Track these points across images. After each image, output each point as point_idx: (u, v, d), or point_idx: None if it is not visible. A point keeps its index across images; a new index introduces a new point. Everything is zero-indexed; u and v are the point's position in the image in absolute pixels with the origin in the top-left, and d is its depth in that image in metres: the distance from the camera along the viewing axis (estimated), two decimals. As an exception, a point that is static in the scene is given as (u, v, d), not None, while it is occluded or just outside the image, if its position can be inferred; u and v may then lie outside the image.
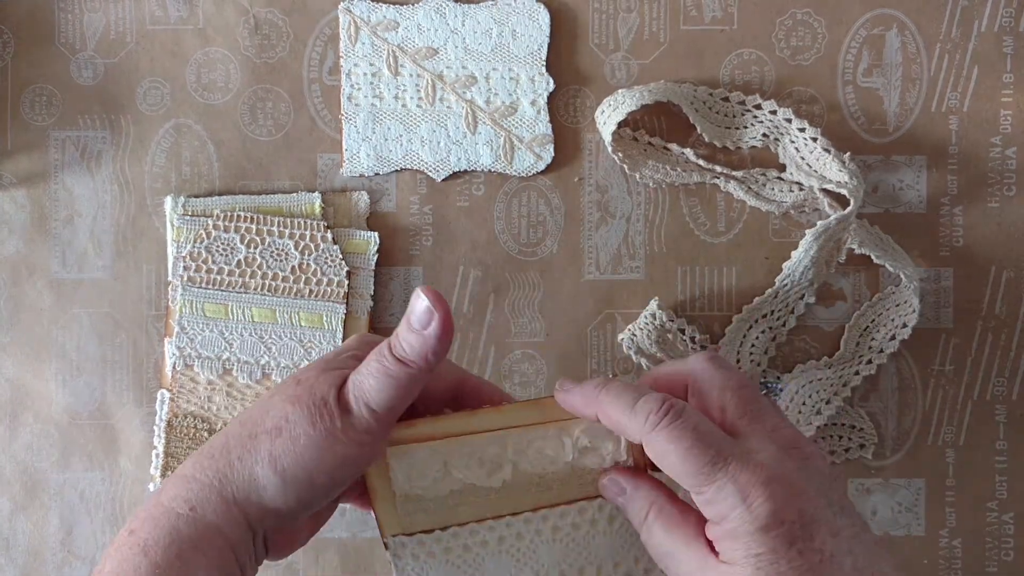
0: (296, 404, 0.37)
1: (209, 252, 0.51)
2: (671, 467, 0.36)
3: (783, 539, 0.34)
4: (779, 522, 0.34)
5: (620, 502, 0.40)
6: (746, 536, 0.34)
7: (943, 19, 0.52)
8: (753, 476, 0.35)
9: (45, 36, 0.52)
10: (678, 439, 0.35)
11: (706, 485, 0.35)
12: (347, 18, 0.52)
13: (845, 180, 0.49)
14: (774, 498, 0.34)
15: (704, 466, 0.35)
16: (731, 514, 0.35)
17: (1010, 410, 0.52)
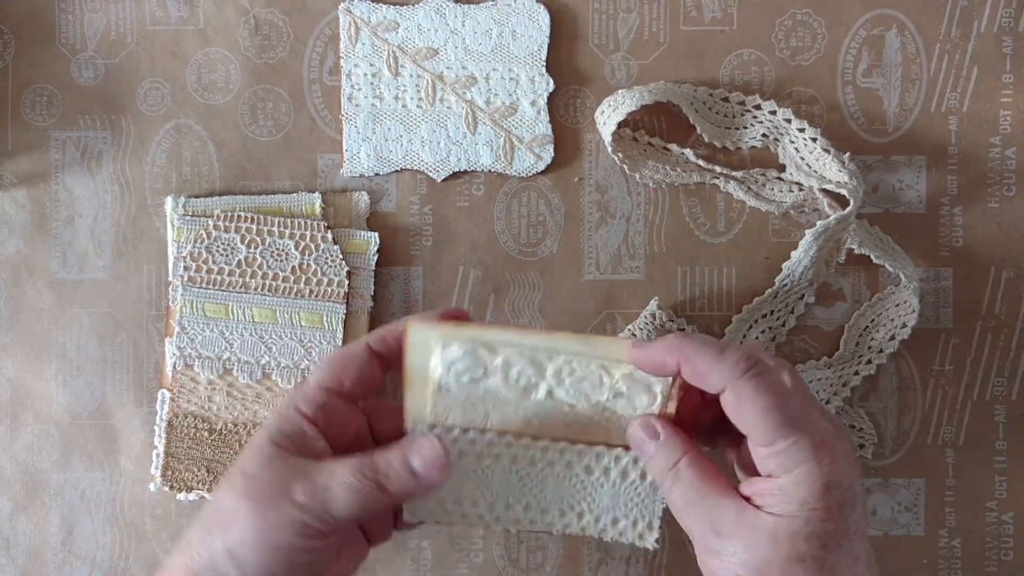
0: (245, 499, 0.38)
1: (209, 252, 0.51)
2: (750, 415, 0.37)
3: (837, 501, 0.36)
4: (838, 485, 0.36)
5: (648, 448, 0.40)
6: (807, 491, 0.36)
7: (943, 19, 0.52)
8: (824, 439, 0.37)
9: (46, 36, 0.52)
10: (766, 391, 0.37)
11: (783, 439, 0.37)
12: (347, 18, 0.52)
13: (845, 180, 0.49)
14: (839, 463, 0.37)
15: (786, 420, 0.37)
16: (799, 468, 0.36)
17: (1010, 410, 0.52)
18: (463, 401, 0.41)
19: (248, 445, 0.40)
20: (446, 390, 0.41)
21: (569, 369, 0.41)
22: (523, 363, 0.41)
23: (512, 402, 0.41)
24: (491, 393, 0.41)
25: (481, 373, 0.41)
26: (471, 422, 0.42)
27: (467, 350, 0.41)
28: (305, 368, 0.51)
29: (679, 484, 0.39)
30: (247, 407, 0.51)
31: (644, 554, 0.52)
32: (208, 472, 0.51)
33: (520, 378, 0.41)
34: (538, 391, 0.41)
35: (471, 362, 0.41)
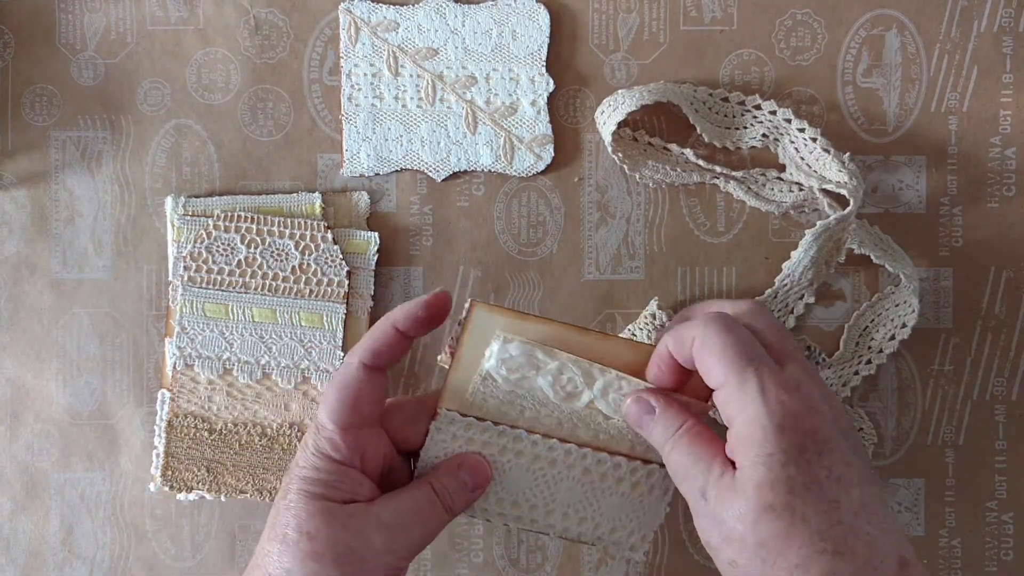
0: (320, 561, 0.39)
1: (209, 252, 0.51)
2: (709, 359, 0.37)
3: (795, 444, 0.35)
4: (793, 427, 0.36)
5: (645, 422, 0.40)
6: (760, 434, 0.36)
7: (943, 19, 0.52)
8: (777, 380, 0.36)
9: (45, 36, 0.52)
10: (724, 332, 0.37)
11: (733, 376, 0.36)
12: (347, 18, 0.52)
13: (845, 180, 0.49)
14: (792, 404, 0.36)
15: (737, 360, 0.37)
16: (748, 409, 0.36)
17: (1010, 410, 0.52)
18: (505, 394, 0.42)
19: (291, 503, 0.40)
20: (492, 381, 0.42)
21: (618, 385, 0.42)
22: (576, 371, 0.42)
23: (551, 404, 0.42)
24: (534, 392, 0.42)
25: (532, 374, 0.42)
26: (504, 416, 0.42)
27: (525, 351, 0.41)
28: (305, 368, 0.51)
29: (675, 451, 0.39)
30: (247, 407, 0.51)
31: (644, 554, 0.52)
32: (208, 472, 0.51)
33: (568, 384, 0.42)
34: (580, 399, 0.42)
35: (525, 362, 0.41)
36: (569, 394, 0.42)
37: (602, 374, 0.42)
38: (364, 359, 0.40)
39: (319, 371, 0.51)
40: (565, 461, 0.43)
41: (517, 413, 0.42)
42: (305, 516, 0.39)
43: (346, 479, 0.40)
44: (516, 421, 0.42)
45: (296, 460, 0.41)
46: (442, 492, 0.41)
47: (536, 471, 0.43)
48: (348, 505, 0.40)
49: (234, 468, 0.51)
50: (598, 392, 0.42)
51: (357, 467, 0.41)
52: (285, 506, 0.40)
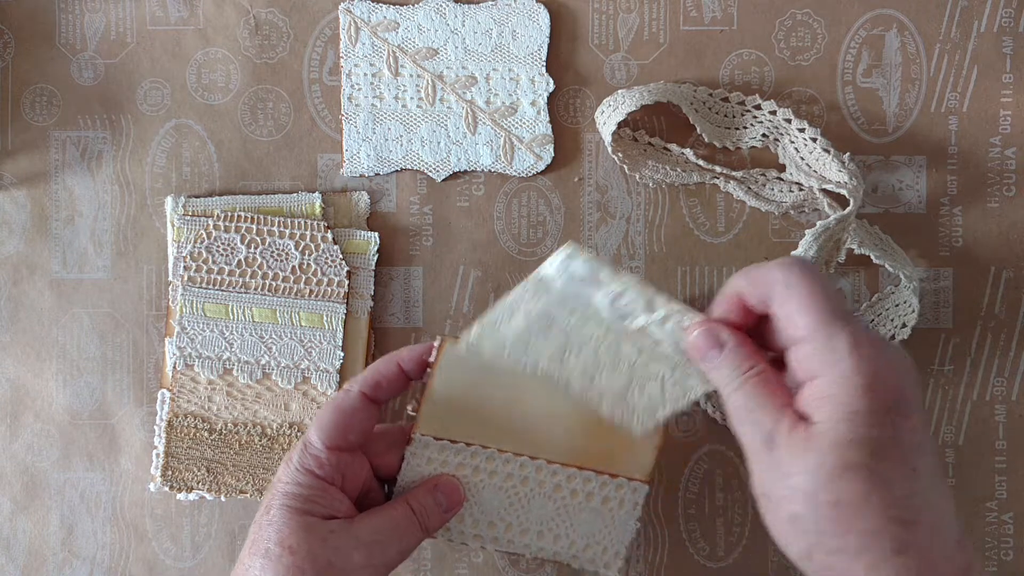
0: (298, 574, 0.39)
1: (209, 252, 0.51)
2: (793, 308, 0.35)
3: (882, 403, 0.34)
4: (882, 386, 0.34)
5: (711, 357, 0.38)
6: (847, 392, 0.34)
7: (943, 19, 0.52)
8: (866, 338, 0.35)
9: (46, 36, 0.52)
10: (811, 280, 0.35)
11: (821, 329, 0.35)
12: (347, 18, 0.52)
13: (845, 180, 0.49)
14: (881, 363, 0.34)
15: (826, 313, 0.35)
16: (839, 366, 0.34)
17: (1010, 410, 0.52)
18: (557, 298, 0.41)
19: (273, 518, 0.41)
20: (545, 287, 0.41)
21: (680, 318, 0.40)
22: (638, 298, 0.40)
23: (601, 320, 0.40)
24: (587, 305, 0.40)
25: (592, 289, 0.40)
26: (551, 316, 0.41)
27: (592, 269, 0.40)
28: (305, 368, 0.51)
29: (740, 393, 0.37)
30: (247, 407, 0.51)
31: (644, 555, 0.52)
32: (208, 472, 0.51)
33: (625, 308, 0.40)
34: (635, 322, 0.40)
35: (588, 278, 0.40)
36: (624, 316, 0.40)
37: (666, 304, 0.40)
38: (364, 390, 0.43)
39: (319, 371, 0.51)
40: (536, 478, 0.44)
41: (566, 315, 0.41)
42: (287, 531, 0.40)
43: (327, 496, 0.41)
44: (565, 323, 0.41)
45: (278, 476, 0.42)
46: (419, 510, 0.42)
47: (509, 489, 0.44)
48: (329, 521, 0.41)
49: (234, 468, 0.51)
50: (656, 319, 0.40)
51: (338, 485, 0.42)
52: (268, 521, 0.41)
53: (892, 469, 0.34)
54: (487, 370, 0.43)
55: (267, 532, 0.40)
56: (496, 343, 0.41)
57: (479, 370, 0.43)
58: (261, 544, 0.40)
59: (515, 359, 0.41)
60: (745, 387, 0.37)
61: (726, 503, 0.52)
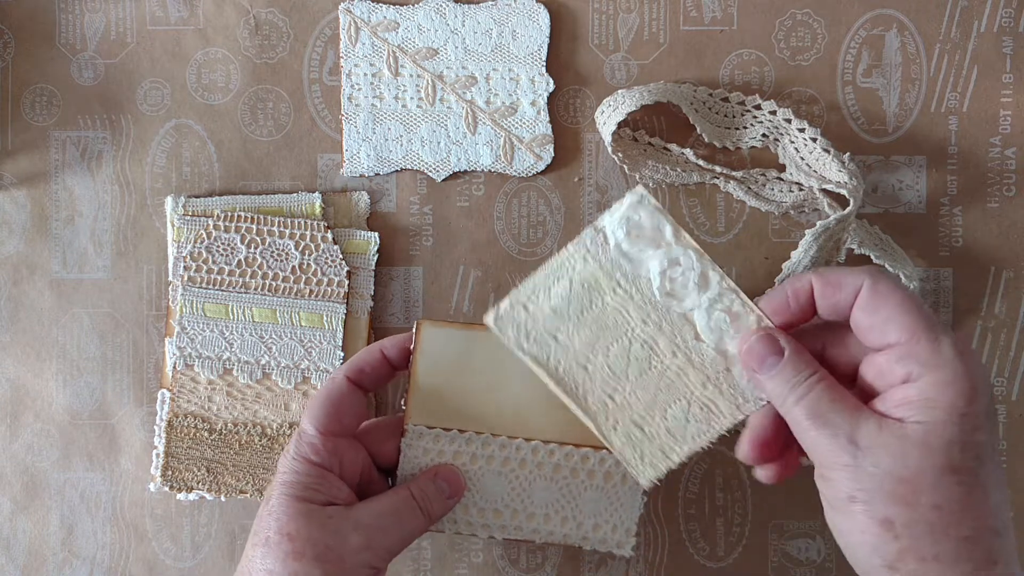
0: (300, 560, 0.39)
1: (209, 252, 0.51)
2: (889, 309, 0.35)
3: (985, 410, 0.34)
4: (985, 393, 0.34)
5: (768, 365, 0.38)
6: (955, 393, 0.34)
7: (943, 19, 0.52)
8: (966, 346, 0.35)
9: (46, 36, 0.52)
10: (904, 288, 0.36)
11: (925, 333, 0.35)
12: (347, 18, 0.52)
13: (845, 180, 0.49)
14: (982, 370, 0.35)
15: (924, 317, 0.35)
16: (946, 368, 0.34)
17: (1010, 410, 0.52)
18: (609, 262, 0.39)
19: (272, 507, 0.41)
20: (603, 241, 0.39)
21: (730, 302, 0.39)
22: (695, 267, 0.39)
23: (645, 298, 0.39)
24: (638, 275, 0.39)
25: (650, 250, 0.39)
26: (593, 289, 0.40)
27: (655, 221, 0.39)
28: (305, 368, 0.51)
29: (808, 398, 0.36)
30: (247, 407, 0.51)
31: (644, 555, 0.52)
32: (208, 472, 0.51)
33: (678, 280, 0.39)
34: (683, 302, 0.39)
35: (651, 233, 0.39)
36: (672, 291, 0.39)
37: (720, 282, 0.39)
38: (348, 373, 0.43)
39: (319, 371, 0.51)
40: (533, 459, 0.44)
41: (610, 289, 0.39)
42: (286, 518, 0.40)
43: (325, 482, 0.42)
44: (602, 297, 0.40)
45: (278, 468, 0.43)
46: (420, 496, 0.42)
47: (508, 474, 0.44)
48: (327, 507, 0.41)
49: (234, 468, 0.51)
50: (704, 302, 0.39)
51: (336, 472, 0.42)
52: (268, 511, 0.41)
53: (992, 476, 0.34)
54: (469, 352, 0.43)
55: (267, 522, 0.40)
56: (521, 326, 0.40)
57: (461, 353, 0.43)
58: (262, 534, 0.40)
59: (535, 350, 0.40)
60: (815, 390, 0.36)
61: (726, 503, 0.52)
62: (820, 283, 0.37)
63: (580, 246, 0.40)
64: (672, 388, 0.40)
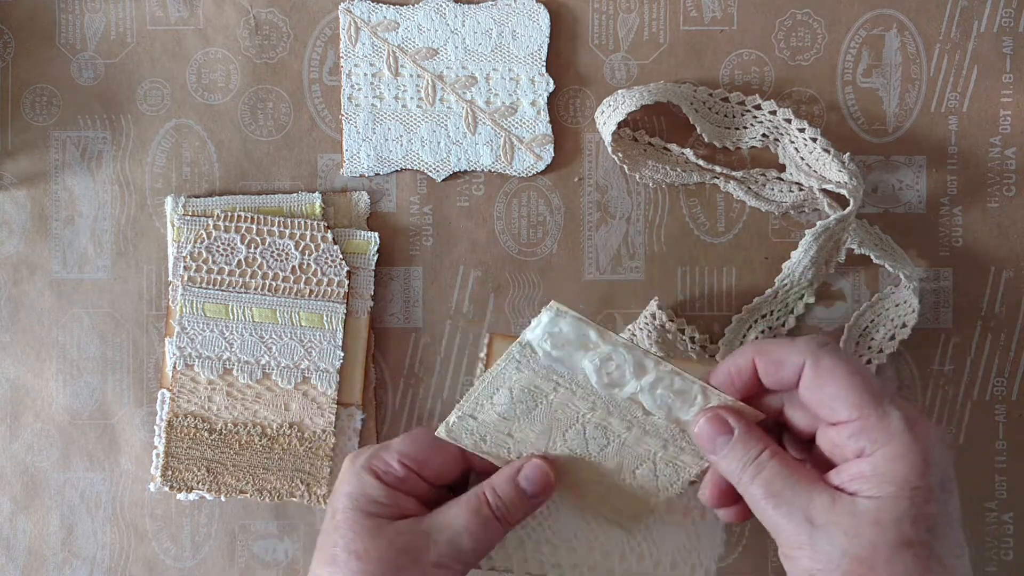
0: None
1: (209, 252, 0.51)
2: (832, 387, 0.35)
3: (937, 482, 0.34)
4: (936, 463, 0.34)
5: (720, 445, 0.38)
6: (907, 468, 0.34)
7: (943, 19, 0.52)
8: (916, 416, 0.35)
9: (46, 36, 0.52)
10: (846, 362, 0.35)
11: (872, 408, 0.34)
12: (347, 18, 0.52)
13: (845, 180, 0.49)
14: (934, 440, 0.34)
15: (870, 392, 0.35)
16: (895, 442, 0.34)
17: (1010, 410, 0.52)
18: (542, 368, 0.39)
19: (339, 523, 0.39)
20: (530, 353, 0.39)
21: (669, 382, 0.39)
22: (628, 360, 0.38)
23: (586, 389, 0.39)
24: (574, 374, 0.39)
25: (579, 354, 0.39)
26: (534, 391, 0.39)
27: (577, 329, 0.38)
28: (305, 368, 0.51)
29: (761, 476, 0.36)
30: (247, 407, 0.51)
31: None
32: (208, 472, 0.51)
33: (615, 372, 0.39)
34: (624, 389, 0.39)
35: (575, 340, 0.38)
36: (613, 382, 0.39)
37: (656, 367, 0.38)
38: (474, 465, 0.42)
39: (319, 371, 0.51)
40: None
41: (551, 389, 0.39)
42: (352, 535, 0.38)
43: (394, 495, 0.40)
44: (545, 397, 0.39)
45: (340, 478, 0.41)
46: (494, 501, 0.40)
47: (584, 507, 0.41)
48: (396, 522, 0.39)
49: (234, 468, 0.51)
50: (646, 385, 0.38)
51: (404, 488, 0.40)
52: (333, 527, 0.39)
53: (946, 547, 0.34)
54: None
55: (333, 538, 0.39)
56: (474, 432, 0.40)
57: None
58: (328, 551, 0.39)
59: (494, 450, 0.40)
60: (767, 469, 0.36)
61: (726, 503, 0.52)
62: (762, 362, 0.38)
63: (511, 360, 0.39)
64: (634, 454, 0.40)
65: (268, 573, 0.52)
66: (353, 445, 0.51)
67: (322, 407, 0.51)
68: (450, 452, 0.41)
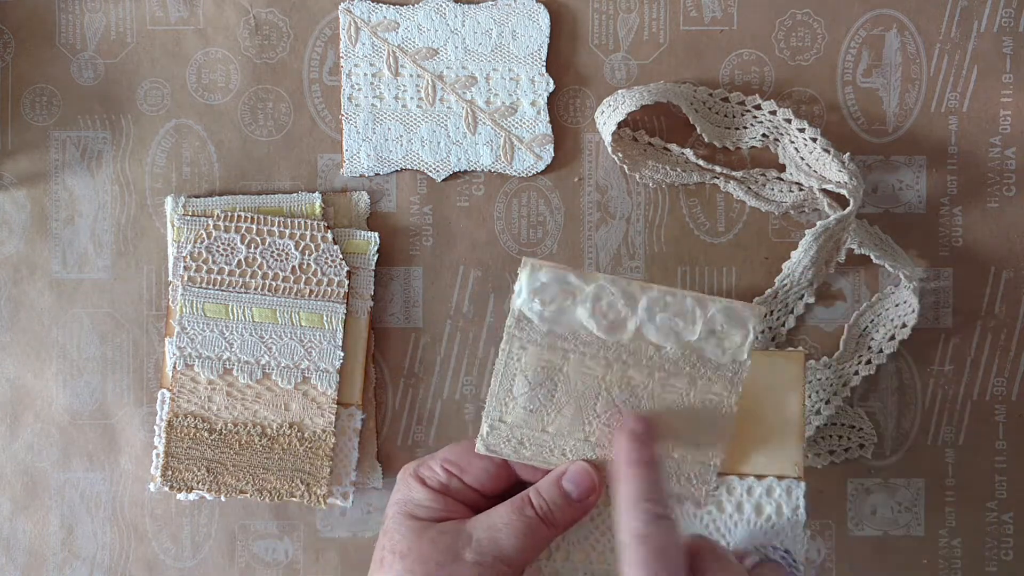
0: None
1: (209, 252, 0.51)
2: (624, 559, 0.36)
3: None
4: None
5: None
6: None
7: (943, 19, 0.52)
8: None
9: (45, 36, 0.52)
10: (650, 548, 0.35)
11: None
12: (347, 18, 0.52)
13: (845, 180, 0.49)
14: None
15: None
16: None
17: (1010, 410, 0.52)
18: (544, 338, 0.38)
19: (387, 528, 0.40)
20: (527, 323, 0.38)
21: (663, 303, 0.38)
22: (615, 293, 0.38)
23: (595, 342, 0.38)
24: (575, 330, 0.38)
25: (568, 303, 0.38)
26: (548, 367, 0.39)
27: (557, 276, 0.38)
28: (305, 368, 0.51)
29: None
30: (247, 407, 0.51)
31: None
32: (208, 472, 0.51)
33: (610, 311, 0.38)
34: (626, 328, 0.38)
35: (559, 289, 0.38)
36: (612, 323, 0.38)
37: (643, 291, 0.38)
38: (522, 473, 0.41)
39: (319, 371, 0.51)
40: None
41: (561, 360, 0.38)
42: (398, 537, 0.39)
43: (439, 502, 0.40)
44: (560, 370, 0.39)
45: (394, 490, 0.41)
46: (539, 504, 0.39)
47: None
48: (440, 523, 0.39)
49: (234, 468, 0.51)
50: (643, 315, 0.38)
51: (450, 493, 0.40)
52: (383, 532, 0.40)
53: None
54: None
55: (382, 542, 0.40)
56: (510, 438, 0.39)
57: None
58: (377, 555, 0.40)
59: (536, 453, 0.39)
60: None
61: (726, 503, 0.52)
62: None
63: (511, 340, 0.39)
64: (669, 404, 0.39)
65: (268, 573, 0.52)
66: (353, 445, 0.51)
67: (322, 407, 0.51)
68: (491, 458, 0.41)
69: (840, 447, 0.52)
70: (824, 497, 0.52)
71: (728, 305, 0.38)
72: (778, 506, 0.40)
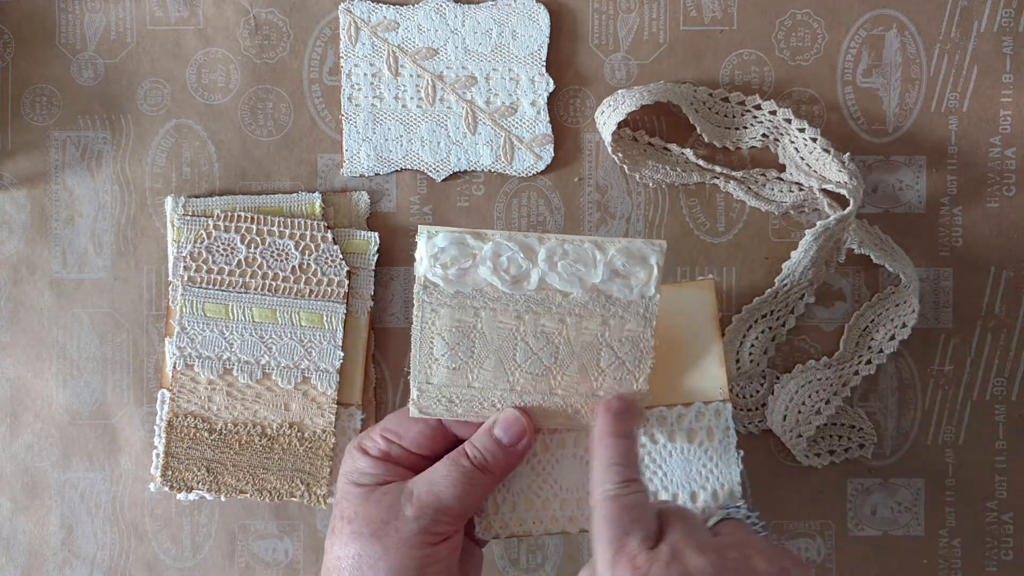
0: (359, 540, 0.40)
1: (209, 252, 0.51)
2: (595, 518, 0.37)
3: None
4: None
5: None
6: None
7: (943, 19, 0.52)
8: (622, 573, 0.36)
9: (46, 36, 0.52)
10: (622, 505, 0.37)
11: (601, 547, 0.36)
12: (347, 18, 0.52)
13: (845, 180, 0.49)
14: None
15: (614, 539, 0.36)
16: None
17: (1010, 410, 0.52)
18: (451, 299, 0.39)
19: (336, 498, 0.42)
20: (434, 288, 0.40)
21: (562, 251, 0.39)
22: (513, 248, 0.39)
23: (503, 298, 0.39)
24: (481, 288, 0.39)
25: (469, 263, 0.39)
26: (462, 327, 0.40)
27: (454, 239, 0.39)
28: (305, 368, 0.51)
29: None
30: (247, 407, 0.51)
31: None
32: (208, 472, 0.51)
33: (511, 266, 0.39)
34: (530, 280, 0.39)
35: (458, 251, 0.39)
36: (515, 277, 0.39)
37: (541, 243, 0.39)
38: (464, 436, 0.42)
39: (319, 371, 0.51)
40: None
41: (473, 318, 0.40)
42: (345, 504, 0.41)
43: (381, 468, 0.42)
44: (474, 328, 0.40)
45: (342, 463, 0.43)
46: (474, 454, 0.41)
47: (580, 456, 0.41)
48: (383, 486, 0.41)
49: (234, 468, 0.51)
50: (544, 265, 0.39)
51: (391, 459, 0.42)
52: (334, 504, 0.42)
53: None
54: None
55: (333, 512, 0.42)
56: (440, 399, 0.41)
57: None
58: (331, 526, 0.42)
59: (468, 410, 0.41)
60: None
61: (726, 503, 0.52)
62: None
63: (421, 306, 0.40)
64: (587, 346, 0.40)
65: (268, 573, 0.52)
66: (353, 445, 0.51)
67: (322, 407, 0.51)
68: (426, 421, 0.43)
69: (840, 447, 0.52)
70: (824, 497, 0.52)
71: (627, 245, 0.39)
72: (709, 430, 0.41)
